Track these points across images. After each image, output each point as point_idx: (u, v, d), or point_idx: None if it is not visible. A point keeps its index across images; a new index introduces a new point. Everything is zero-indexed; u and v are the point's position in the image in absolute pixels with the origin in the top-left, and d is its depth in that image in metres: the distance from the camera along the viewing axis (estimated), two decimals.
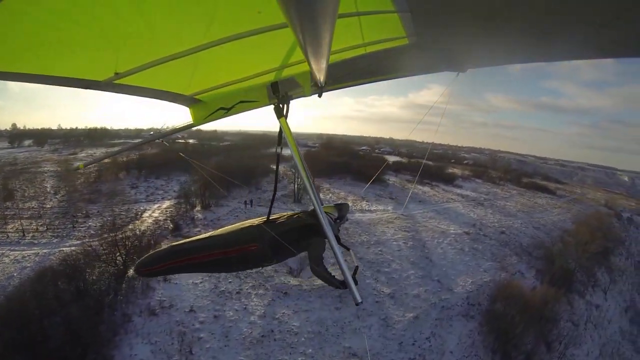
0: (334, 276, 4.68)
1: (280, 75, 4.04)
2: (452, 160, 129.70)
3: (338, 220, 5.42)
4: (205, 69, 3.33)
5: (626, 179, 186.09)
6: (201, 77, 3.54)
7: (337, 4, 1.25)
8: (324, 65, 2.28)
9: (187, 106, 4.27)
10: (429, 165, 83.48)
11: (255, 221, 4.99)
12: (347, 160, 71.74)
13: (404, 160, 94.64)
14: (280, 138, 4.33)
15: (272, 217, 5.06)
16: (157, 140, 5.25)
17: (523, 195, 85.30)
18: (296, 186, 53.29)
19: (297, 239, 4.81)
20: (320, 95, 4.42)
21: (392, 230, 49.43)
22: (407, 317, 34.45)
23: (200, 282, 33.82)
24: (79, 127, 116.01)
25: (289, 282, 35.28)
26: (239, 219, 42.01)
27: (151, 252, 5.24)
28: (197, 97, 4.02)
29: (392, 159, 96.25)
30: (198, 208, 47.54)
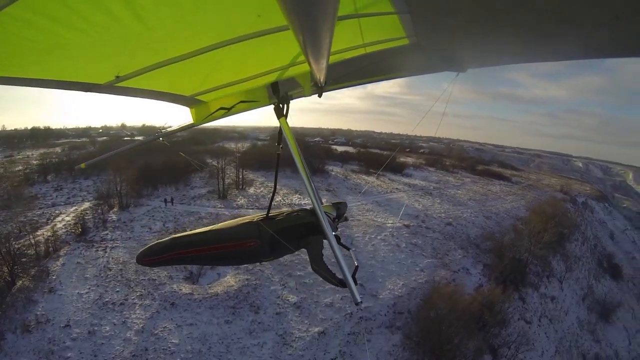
0: (334, 274, 4.62)
1: (280, 75, 4.06)
2: (408, 150, 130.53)
3: (337, 220, 5.45)
4: (205, 71, 3.35)
5: (580, 164, 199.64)
6: (202, 78, 3.58)
7: (336, 6, 1.34)
8: (324, 65, 2.39)
9: (188, 106, 4.29)
10: (380, 155, 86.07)
11: (255, 217, 5.01)
12: (288, 154, 59.87)
13: (353, 150, 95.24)
14: (280, 138, 4.36)
15: (272, 213, 5.02)
16: (159, 140, 5.47)
17: (476, 182, 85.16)
18: (222, 182, 53.54)
19: (296, 236, 4.83)
20: (320, 95, 4.47)
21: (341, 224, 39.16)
22: (311, 333, 31.07)
23: (86, 293, 32.09)
24: (27, 127, 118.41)
25: (181, 290, 33.28)
26: (154, 219, 44.66)
27: (152, 243, 5.27)
28: (197, 97, 4.03)
29: (342, 149, 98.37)
30: (116, 209, 46.06)
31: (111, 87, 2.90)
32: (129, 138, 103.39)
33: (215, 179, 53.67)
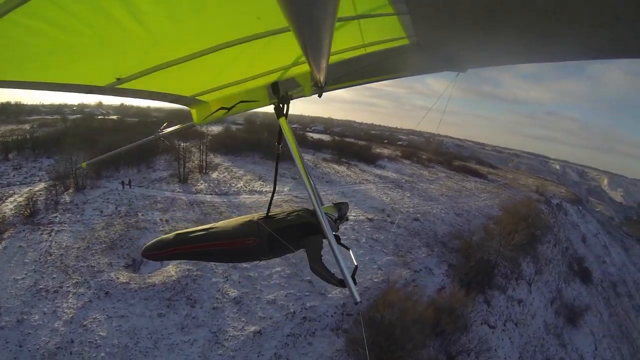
0: (333, 274, 4.68)
1: (280, 75, 4.22)
2: (386, 141, 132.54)
3: (338, 221, 5.68)
4: (206, 72, 3.49)
5: (557, 167, 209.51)
6: (202, 79, 3.75)
7: (336, 7, 1.39)
8: (324, 65, 2.47)
9: (189, 106, 4.51)
10: (355, 144, 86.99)
11: (255, 216, 5.22)
12: (260, 138, 70.95)
13: (328, 138, 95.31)
14: (280, 137, 4.49)
15: (272, 212, 5.24)
16: (160, 139, 5.93)
17: (451, 178, 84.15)
18: (182, 166, 52.62)
19: (295, 236, 4.94)
20: (320, 96, 4.60)
21: None
22: (247, 332, 29.30)
23: (22, 279, 30.41)
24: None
25: (118, 279, 31.64)
26: (108, 202, 43.62)
27: (157, 238, 5.52)
28: (198, 97, 4.24)
29: (318, 137, 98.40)
30: (71, 190, 44.66)
31: (112, 89, 2.94)
32: (102, 117, 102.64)
33: (180, 162, 52.07)
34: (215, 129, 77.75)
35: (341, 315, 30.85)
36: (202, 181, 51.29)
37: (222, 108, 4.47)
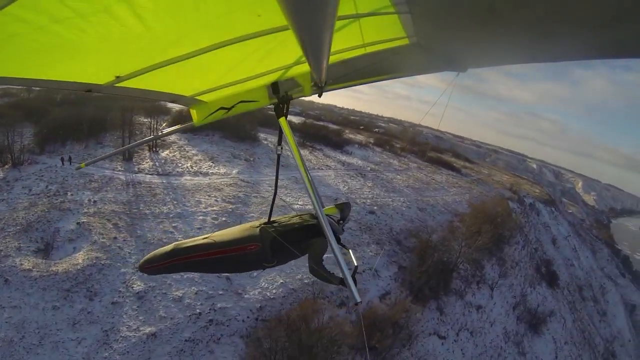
0: (332, 274, 4.89)
1: (280, 75, 4.34)
2: (362, 127, 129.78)
3: (341, 222, 5.71)
4: (206, 71, 3.56)
5: (534, 166, 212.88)
6: (202, 78, 3.82)
7: (336, 5, 1.39)
8: (323, 65, 2.57)
9: (188, 106, 4.57)
10: (325, 128, 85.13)
11: (256, 223, 5.30)
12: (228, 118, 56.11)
13: (299, 120, 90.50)
14: (280, 137, 4.62)
15: (273, 218, 5.37)
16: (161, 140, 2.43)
17: (422, 169, 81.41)
18: (128, 142, 48.59)
19: (299, 239, 5.07)
20: (320, 95, 4.66)
21: (211, 200, 41.36)
22: (141, 333, 25.82)
23: None
24: None
25: (22, 265, 28.11)
26: (41, 179, 39.55)
27: (155, 250, 5.53)
28: (198, 97, 4.28)
29: (290, 119, 75.72)
30: (8, 166, 41.10)
31: (111, 88, 2.95)
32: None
33: (136, 138, 50.44)
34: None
35: (255, 321, 28.58)
36: (148, 160, 48.11)
37: (221, 108, 4.48)
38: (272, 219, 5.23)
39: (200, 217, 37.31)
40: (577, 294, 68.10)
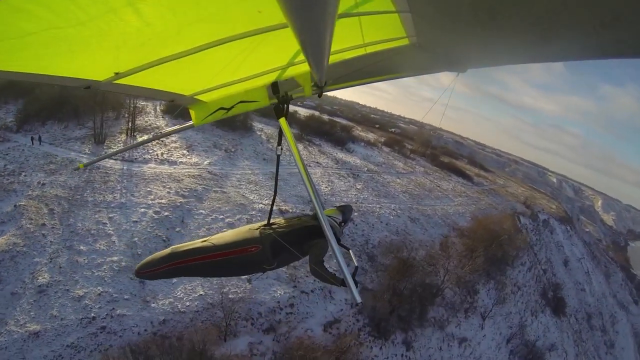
0: (334, 275, 4.63)
1: (280, 75, 4.17)
2: (377, 126, 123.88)
3: (343, 224, 5.51)
4: (205, 69, 3.44)
5: (554, 180, 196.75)
6: (202, 77, 3.69)
7: (336, 4, 1.37)
8: (323, 65, 2.59)
9: (187, 106, 4.39)
10: (330, 123, 78.72)
11: (255, 225, 5.10)
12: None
13: (307, 113, 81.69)
14: (280, 138, 4.45)
15: (272, 221, 5.18)
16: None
17: (429, 174, 74.39)
18: (100, 125, 44.78)
19: (299, 241, 4.88)
20: (320, 95, 4.59)
21: (163, 192, 36.72)
22: (25, 330, 23.29)
23: None
24: None
25: None
26: (5, 158, 36.59)
27: (152, 255, 5.29)
28: (197, 97, 4.13)
29: (301, 111, 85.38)
30: None
31: (110, 84, 2.84)
32: None
33: (121, 120, 49.39)
34: None
35: (153, 336, 25.11)
36: (120, 144, 45.39)
37: (221, 108, 4.31)
38: (271, 222, 5.05)
39: (142, 210, 34.38)
40: (585, 322, 62.39)
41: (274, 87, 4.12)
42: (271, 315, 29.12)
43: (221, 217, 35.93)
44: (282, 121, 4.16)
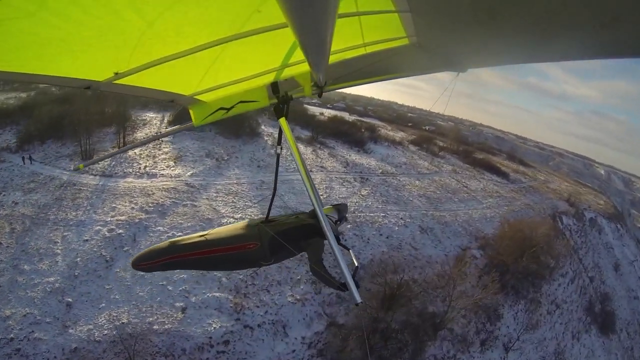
0: (333, 277, 4.52)
1: (280, 75, 4.22)
2: (410, 124, 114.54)
3: (338, 222, 5.65)
4: (205, 69, 3.41)
5: (602, 172, 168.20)
6: (201, 77, 3.60)
7: (336, 4, 1.39)
8: (323, 65, 2.62)
9: (187, 106, 4.35)
10: (358, 124, 71.10)
11: (254, 221, 5.08)
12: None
13: (324, 116, 73.81)
14: (280, 138, 4.47)
15: (271, 217, 5.16)
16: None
17: (458, 173, 64.39)
18: (86, 140, 41.69)
19: (296, 239, 4.80)
20: (320, 95, 4.61)
21: (126, 208, 32.34)
22: None
23: None
24: None
25: None
26: None
27: (149, 247, 5.16)
28: (197, 97, 4.10)
29: (332, 112, 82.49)
30: None
31: (110, 85, 2.82)
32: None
33: (121, 133, 45.81)
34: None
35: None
36: (108, 160, 41.96)
37: (221, 108, 4.23)
38: (269, 218, 5.05)
39: (97, 228, 31.17)
40: (638, 337, 51.70)
41: (274, 87, 4.16)
42: (197, 354, 24.15)
43: (179, 234, 30.94)
44: (282, 121, 4.18)
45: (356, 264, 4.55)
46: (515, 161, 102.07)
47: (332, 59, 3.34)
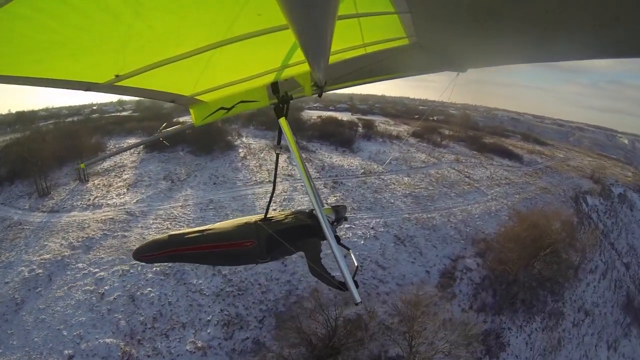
0: (333, 277, 4.48)
1: (280, 75, 4.13)
2: (416, 116, 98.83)
3: (335, 223, 5.13)
4: (205, 70, 3.34)
5: (626, 141, 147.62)
6: (202, 78, 3.57)
7: (336, 5, 1.34)
8: (324, 65, 2.52)
9: (188, 106, 4.21)
10: (338, 121, 60.66)
11: (252, 218, 4.89)
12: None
13: (317, 119, 64.91)
14: (279, 138, 4.34)
15: (269, 215, 4.99)
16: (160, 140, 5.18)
17: (461, 162, 53.75)
18: (40, 176, 36.66)
19: (294, 238, 4.65)
20: (320, 95, 4.37)
21: (56, 245, 26.24)
22: None
23: None
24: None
25: None
26: None
27: (150, 239, 5.11)
28: (197, 97, 4.02)
29: (334, 114, 75.39)
30: None
31: (111, 87, 2.79)
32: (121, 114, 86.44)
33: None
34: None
35: None
36: (65, 193, 36.56)
37: (221, 108, 3.96)
38: (267, 216, 4.92)
39: (20, 269, 25.50)
40: None
41: (274, 87, 3.94)
42: None
43: (95, 270, 25.27)
44: (282, 121, 3.98)
45: (356, 264, 4.56)
46: (530, 141, 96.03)
47: (332, 59, 3.18)
